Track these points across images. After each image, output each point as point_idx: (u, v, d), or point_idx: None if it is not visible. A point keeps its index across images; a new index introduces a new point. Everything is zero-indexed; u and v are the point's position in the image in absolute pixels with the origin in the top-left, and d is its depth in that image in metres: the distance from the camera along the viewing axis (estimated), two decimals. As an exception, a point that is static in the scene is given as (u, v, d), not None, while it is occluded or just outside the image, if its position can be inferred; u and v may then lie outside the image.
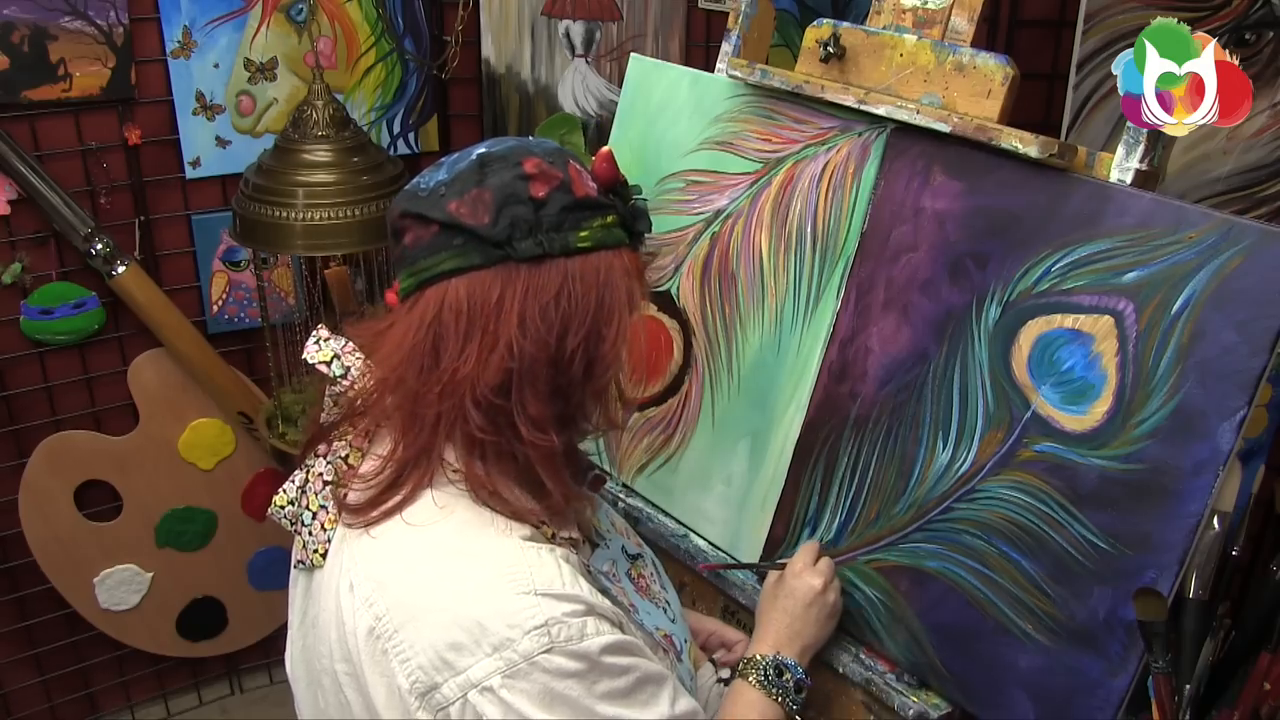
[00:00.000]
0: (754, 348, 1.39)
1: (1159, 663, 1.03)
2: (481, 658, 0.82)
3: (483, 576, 0.86)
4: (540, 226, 0.87)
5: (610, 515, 1.14)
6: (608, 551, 1.05)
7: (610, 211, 0.92)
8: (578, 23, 2.11)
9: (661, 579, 1.12)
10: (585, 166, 0.93)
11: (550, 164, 0.89)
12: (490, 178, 0.88)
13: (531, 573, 0.86)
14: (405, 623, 0.85)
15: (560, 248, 0.88)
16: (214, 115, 1.97)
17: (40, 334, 1.91)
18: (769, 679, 1.11)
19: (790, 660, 1.13)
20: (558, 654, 0.83)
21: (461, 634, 0.83)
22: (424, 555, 0.88)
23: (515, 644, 0.82)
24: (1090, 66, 1.67)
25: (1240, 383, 0.98)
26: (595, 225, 0.90)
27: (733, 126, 1.42)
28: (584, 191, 0.90)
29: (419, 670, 0.83)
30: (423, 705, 0.83)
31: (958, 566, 1.16)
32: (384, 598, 0.86)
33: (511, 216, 0.87)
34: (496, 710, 0.82)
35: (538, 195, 0.88)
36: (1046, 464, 1.10)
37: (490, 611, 0.83)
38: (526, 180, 0.88)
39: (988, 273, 1.16)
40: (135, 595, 2.10)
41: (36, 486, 1.97)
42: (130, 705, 2.23)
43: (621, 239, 0.93)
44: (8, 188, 1.81)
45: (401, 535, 0.89)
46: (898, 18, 1.28)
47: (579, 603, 0.86)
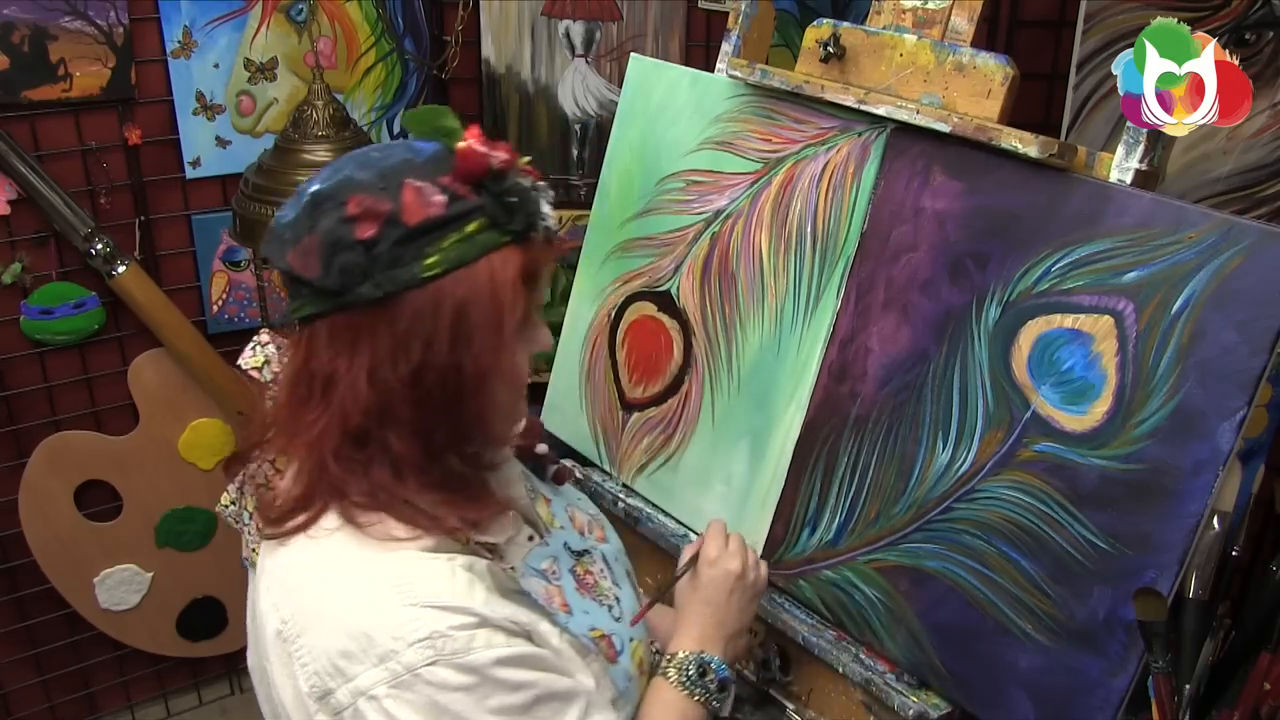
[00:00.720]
0: (754, 348, 1.39)
1: (1159, 663, 1.03)
2: (369, 667, 0.83)
3: (372, 587, 0.86)
4: (376, 267, 0.83)
5: (571, 509, 1.13)
6: (548, 549, 1.03)
7: (471, 218, 0.85)
8: (578, 23, 2.11)
9: (614, 574, 1.10)
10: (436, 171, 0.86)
11: (377, 197, 0.83)
12: (320, 220, 0.84)
13: (421, 584, 0.86)
14: (305, 629, 0.86)
15: (404, 283, 0.83)
16: (214, 115, 1.97)
17: (40, 334, 1.91)
18: (690, 679, 1.05)
19: (714, 659, 1.08)
20: (443, 666, 0.83)
21: (351, 643, 0.84)
22: (324, 564, 0.89)
23: (399, 655, 0.83)
24: (1090, 66, 1.67)
25: (1240, 383, 0.98)
26: (447, 245, 0.84)
27: (733, 126, 1.42)
28: (421, 216, 0.83)
29: (315, 675, 0.85)
30: (321, 709, 0.85)
31: (958, 566, 1.16)
32: (289, 603, 0.88)
33: (341, 265, 0.83)
34: (379, 719, 0.83)
35: (365, 236, 0.82)
36: (1046, 464, 1.10)
37: (377, 622, 0.84)
38: (351, 223, 0.83)
39: (988, 273, 1.16)
40: (135, 595, 2.10)
41: (36, 486, 1.97)
42: (130, 705, 2.23)
43: (493, 241, 0.86)
44: (8, 188, 1.81)
45: (307, 543, 0.90)
46: (898, 18, 1.28)
47: (469, 615, 0.86)
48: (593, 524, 1.15)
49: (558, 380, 1.67)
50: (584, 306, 1.62)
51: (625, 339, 1.56)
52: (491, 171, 0.86)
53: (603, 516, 1.20)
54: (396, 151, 0.88)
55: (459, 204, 0.85)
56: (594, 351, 1.61)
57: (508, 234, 0.86)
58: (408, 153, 0.87)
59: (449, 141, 0.88)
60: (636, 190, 1.54)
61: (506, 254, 0.86)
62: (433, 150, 0.88)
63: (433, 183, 0.84)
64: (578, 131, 2.18)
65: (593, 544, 1.11)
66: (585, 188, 2.18)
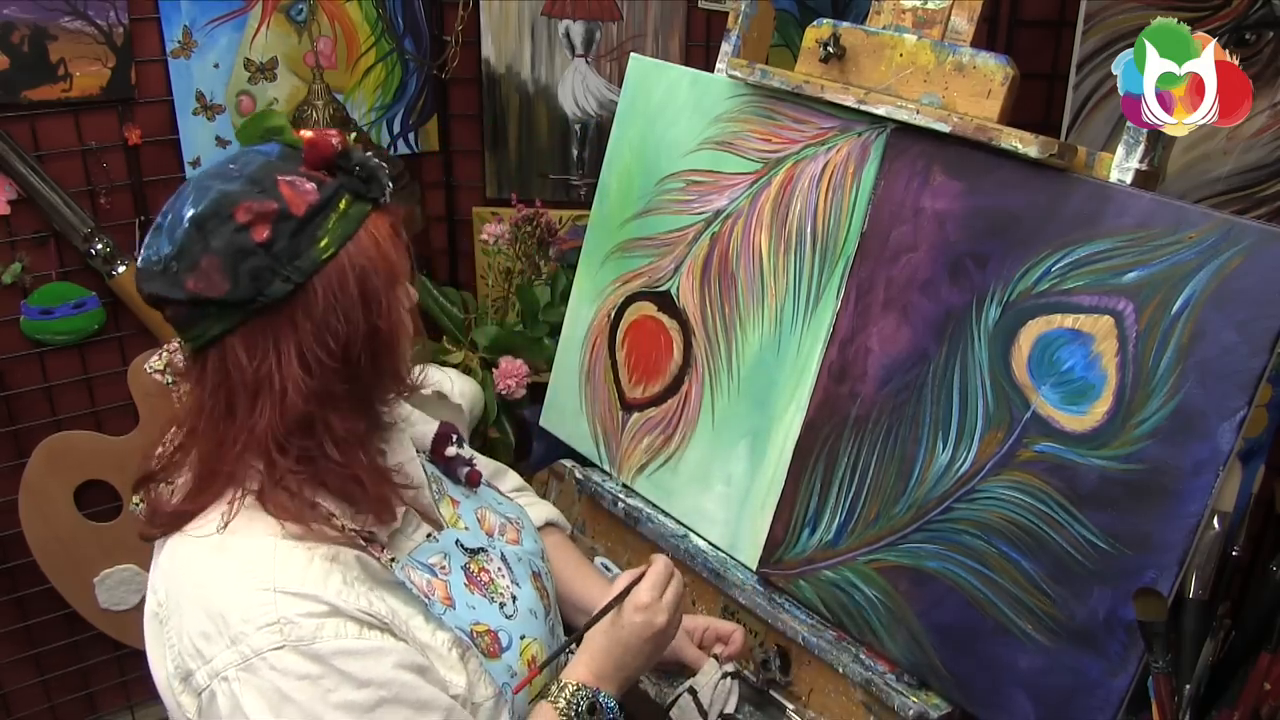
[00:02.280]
0: (754, 348, 1.39)
1: (1159, 663, 1.03)
2: (223, 649, 0.86)
3: (230, 571, 0.90)
4: (280, 263, 0.88)
5: (483, 510, 1.16)
6: (437, 545, 1.06)
7: (340, 197, 0.91)
8: (578, 23, 2.11)
9: (515, 574, 1.12)
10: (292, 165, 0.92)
11: (260, 198, 0.88)
12: (212, 240, 0.88)
13: (276, 570, 0.89)
14: (173, 611, 0.91)
15: (308, 270, 0.89)
16: (214, 115, 1.97)
17: (40, 334, 1.91)
18: (579, 713, 1.03)
19: (609, 700, 1.05)
20: (289, 652, 0.85)
21: (210, 624, 0.87)
22: (194, 550, 0.92)
23: (248, 638, 0.86)
24: (1090, 66, 1.67)
25: (1240, 383, 0.98)
26: (331, 225, 0.90)
27: (733, 126, 1.42)
28: (304, 203, 0.89)
29: (179, 656, 0.89)
30: (185, 689, 0.89)
31: (958, 566, 1.16)
32: (163, 586, 0.93)
33: (249, 271, 0.87)
34: (227, 702, 0.85)
35: (262, 239, 0.87)
36: (1046, 464, 1.10)
37: (231, 605, 0.87)
38: (246, 230, 0.87)
39: (988, 273, 1.16)
40: (135, 595, 2.09)
41: (36, 486, 1.97)
42: (130, 705, 2.23)
43: (363, 211, 0.93)
44: (8, 188, 1.80)
45: (180, 534, 0.94)
46: (898, 18, 1.28)
47: (319, 603, 0.88)
48: (506, 526, 1.18)
49: (558, 380, 1.67)
50: (584, 306, 1.62)
51: (625, 339, 1.56)
52: (338, 153, 0.92)
53: (526, 519, 1.24)
54: (250, 158, 0.92)
55: (325, 187, 0.91)
56: (594, 351, 1.60)
57: (369, 201, 0.94)
58: (259, 156, 0.92)
59: (283, 138, 0.95)
60: (636, 190, 1.54)
61: (376, 219, 0.94)
62: (277, 150, 0.93)
63: (296, 174, 0.90)
64: (578, 131, 2.18)
65: (493, 544, 1.13)
66: (585, 188, 2.18)
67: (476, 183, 2.25)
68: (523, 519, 1.23)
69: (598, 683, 1.05)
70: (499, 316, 2.10)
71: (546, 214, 2.08)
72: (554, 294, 2.05)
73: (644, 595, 1.08)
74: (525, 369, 1.95)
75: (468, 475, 1.20)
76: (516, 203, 2.10)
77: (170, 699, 0.92)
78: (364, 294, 0.91)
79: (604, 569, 1.51)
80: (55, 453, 1.97)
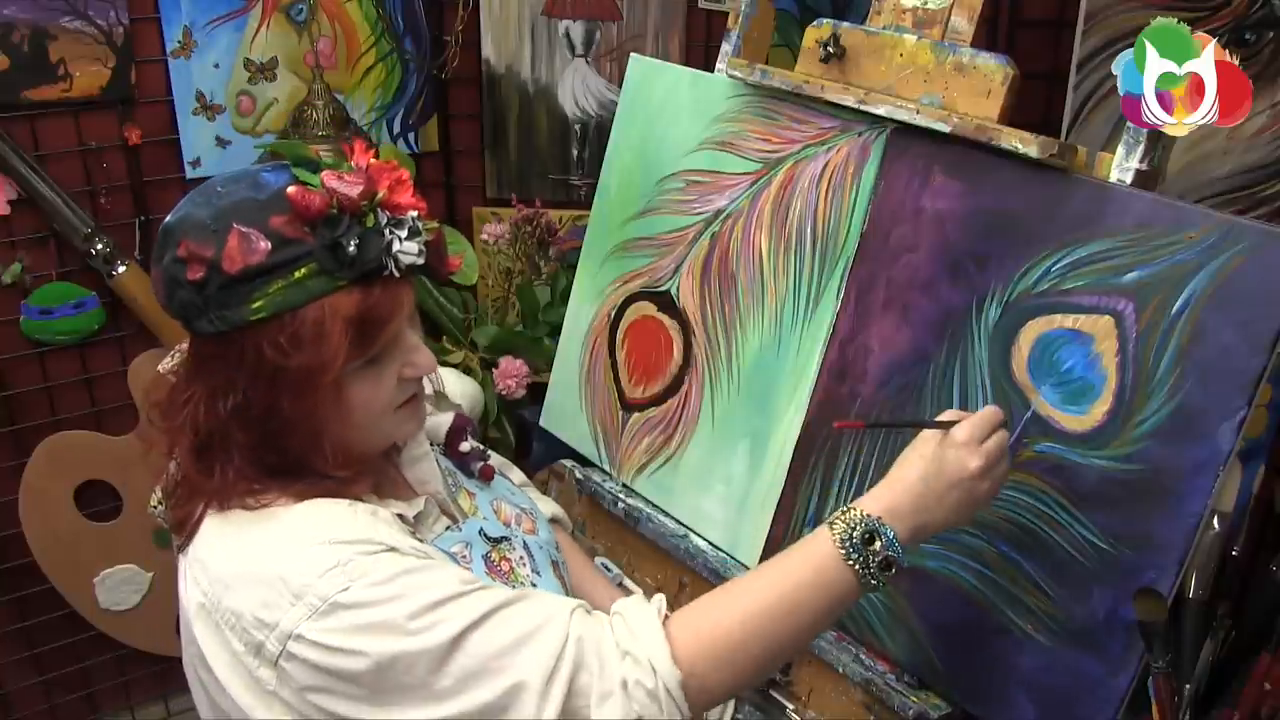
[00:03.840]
0: (754, 348, 1.39)
1: (1159, 663, 1.03)
2: (288, 609, 0.85)
3: (277, 538, 0.89)
4: (209, 306, 0.87)
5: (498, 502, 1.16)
6: (459, 535, 1.06)
7: (299, 264, 0.86)
8: (578, 23, 2.11)
9: (536, 562, 1.11)
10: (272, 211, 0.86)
11: (201, 242, 0.85)
12: (164, 255, 0.89)
13: (324, 526, 0.89)
14: (223, 593, 0.89)
15: (234, 323, 0.86)
16: (214, 115, 1.97)
17: (40, 334, 1.91)
18: (852, 541, 0.92)
19: (891, 531, 0.93)
20: (357, 588, 0.85)
21: (269, 592, 0.86)
22: (232, 530, 0.92)
23: (313, 588, 0.85)
24: (1090, 66, 1.67)
25: (1240, 383, 0.97)
26: (273, 290, 0.86)
27: (733, 126, 1.42)
28: (240, 264, 0.85)
29: (244, 632, 0.87)
30: (260, 663, 0.86)
31: (958, 566, 1.16)
32: (205, 575, 0.91)
33: (180, 300, 0.88)
34: (314, 653, 0.84)
35: (194, 279, 0.86)
36: (1046, 464, 1.10)
37: (286, 566, 0.86)
38: (182, 264, 0.86)
39: (988, 273, 1.16)
40: (135, 595, 2.09)
41: (36, 486, 1.97)
42: (130, 705, 2.23)
43: (324, 287, 0.86)
44: (8, 188, 1.80)
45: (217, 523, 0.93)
46: (898, 18, 1.28)
47: (373, 544, 0.88)
48: (521, 517, 1.17)
49: (558, 380, 1.67)
50: (584, 306, 1.62)
51: (625, 339, 1.56)
52: (326, 215, 0.87)
53: (538, 510, 1.23)
54: (240, 188, 0.89)
55: (286, 249, 0.86)
56: (594, 352, 1.60)
57: (341, 279, 0.87)
58: (251, 189, 0.89)
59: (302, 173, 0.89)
60: (636, 190, 1.54)
61: (339, 299, 0.87)
62: (277, 186, 0.88)
63: (261, 227, 0.86)
64: (578, 131, 2.18)
65: (515, 533, 1.12)
66: (585, 188, 2.18)
67: (476, 183, 2.25)
68: (535, 510, 1.22)
69: (888, 517, 0.94)
70: (499, 316, 2.10)
71: (546, 214, 2.08)
72: (554, 294, 2.05)
73: (962, 433, 0.97)
74: (525, 369, 1.95)
75: (481, 469, 1.19)
76: (516, 203, 2.10)
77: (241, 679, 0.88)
78: (274, 371, 0.87)
79: (604, 569, 1.51)
80: (55, 453, 1.97)
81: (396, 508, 0.98)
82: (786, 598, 0.91)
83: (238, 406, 0.89)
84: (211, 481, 0.92)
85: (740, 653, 0.90)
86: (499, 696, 0.84)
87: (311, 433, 0.91)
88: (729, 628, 0.90)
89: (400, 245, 0.90)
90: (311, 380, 0.88)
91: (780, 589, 0.92)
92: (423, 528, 1.02)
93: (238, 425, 0.90)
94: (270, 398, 0.88)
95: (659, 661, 0.87)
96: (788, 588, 0.92)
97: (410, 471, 1.07)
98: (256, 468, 0.92)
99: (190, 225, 0.87)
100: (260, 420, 0.90)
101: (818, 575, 0.92)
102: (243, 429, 0.90)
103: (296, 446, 0.92)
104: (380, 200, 0.90)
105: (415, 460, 1.07)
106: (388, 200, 0.90)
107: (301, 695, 0.85)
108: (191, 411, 0.91)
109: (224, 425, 0.90)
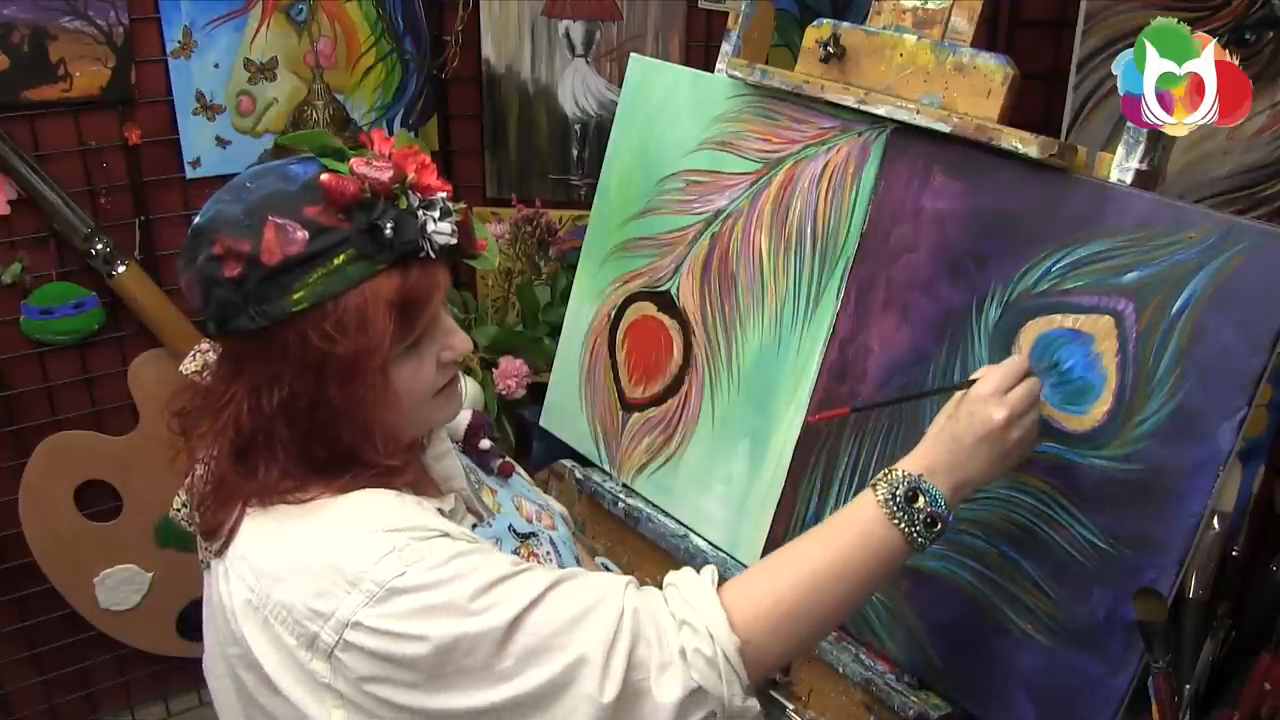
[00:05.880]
0: (754, 348, 1.39)
1: (1159, 663, 1.03)
2: (344, 597, 0.84)
3: (327, 529, 0.89)
4: (248, 302, 0.85)
5: (518, 499, 1.16)
6: (490, 530, 1.06)
7: (337, 251, 0.85)
8: (578, 23, 2.11)
9: (562, 558, 1.11)
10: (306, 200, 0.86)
11: (237, 237, 0.85)
12: (196, 256, 0.88)
13: (374, 515, 0.89)
14: (273, 587, 0.88)
15: (275, 316, 0.85)
16: (214, 115, 1.97)
17: (40, 334, 1.91)
18: (896, 500, 0.93)
19: (934, 488, 0.94)
20: (414, 572, 0.84)
21: (322, 582, 0.85)
22: (277, 524, 0.91)
23: (369, 574, 0.84)
24: (1090, 66, 1.67)
25: (1240, 383, 0.97)
26: (313, 279, 0.85)
27: (733, 126, 1.42)
28: (280, 256, 0.84)
29: (296, 625, 0.86)
30: (313, 655, 0.86)
31: (958, 566, 1.16)
32: (251, 571, 0.90)
33: (217, 300, 0.87)
34: (373, 640, 0.83)
35: (232, 275, 0.85)
36: (1047, 464, 1.10)
37: (341, 554, 0.86)
38: (218, 262, 0.85)
39: (988, 273, 1.16)
40: (135, 595, 2.09)
41: (36, 486, 1.97)
42: (130, 705, 2.23)
43: (364, 272, 0.86)
44: (8, 188, 1.80)
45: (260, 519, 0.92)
46: (898, 18, 1.28)
47: (426, 530, 0.88)
48: (541, 513, 1.17)
49: (558, 380, 1.67)
50: (584, 306, 1.62)
51: (625, 339, 1.56)
52: (361, 200, 0.87)
53: (554, 506, 1.23)
54: (268, 180, 0.88)
55: (323, 237, 0.85)
56: (594, 351, 1.61)
57: (380, 263, 0.87)
58: (280, 181, 0.88)
59: (331, 162, 0.89)
60: (636, 190, 1.54)
61: (380, 283, 0.87)
62: (307, 176, 0.88)
63: (296, 217, 0.85)
64: (578, 131, 2.18)
65: (541, 529, 1.12)
66: (585, 188, 2.18)
67: (476, 183, 2.25)
68: (550, 506, 1.22)
69: (929, 475, 0.95)
70: (499, 316, 2.10)
71: (546, 214, 2.08)
72: (554, 294, 2.05)
73: (985, 386, 0.99)
74: (525, 369, 1.95)
75: (501, 466, 1.18)
76: (516, 203, 2.10)
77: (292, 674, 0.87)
78: (321, 360, 0.86)
79: (604, 569, 1.51)
80: (55, 453, 1.97)
81: (434, 503, 0.98)
82: (837, 562, 0.92)
83: (284, 401, 0.88)
84: (254, 482, 0.91)
85: (794, 619, 0.90)
86: (560, 672, 0.84)
87: (362, 421, 0.90)
88: (781, 594, 0.90)
89: (435, 225, 0.90)
90: (359, 366, 0.87)
91: (829, 554, 0.92)
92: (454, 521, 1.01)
93: (284, 421, 0.89)
94: (318, 388, 0.87)
95: (716, 629, 0.88)
96: (837, 552, 0.92)
97: (435, 469, 1.06)
98: (302, 464, 0.91)
99: (224, 222, 0.86)
100: (308, 412, 0.89)
101: (865, 538, 0.93)
102: (289, 424, 0.89)
103: (347, 436, 0.90)
104: (410, 183, 0.90)
105: (439, 458, 1.07)
106: (417, 182, 0.90)
107: (358, 686, 0.85)
108: (234, 412, 0.89)
109: (269, 423, 0.89)
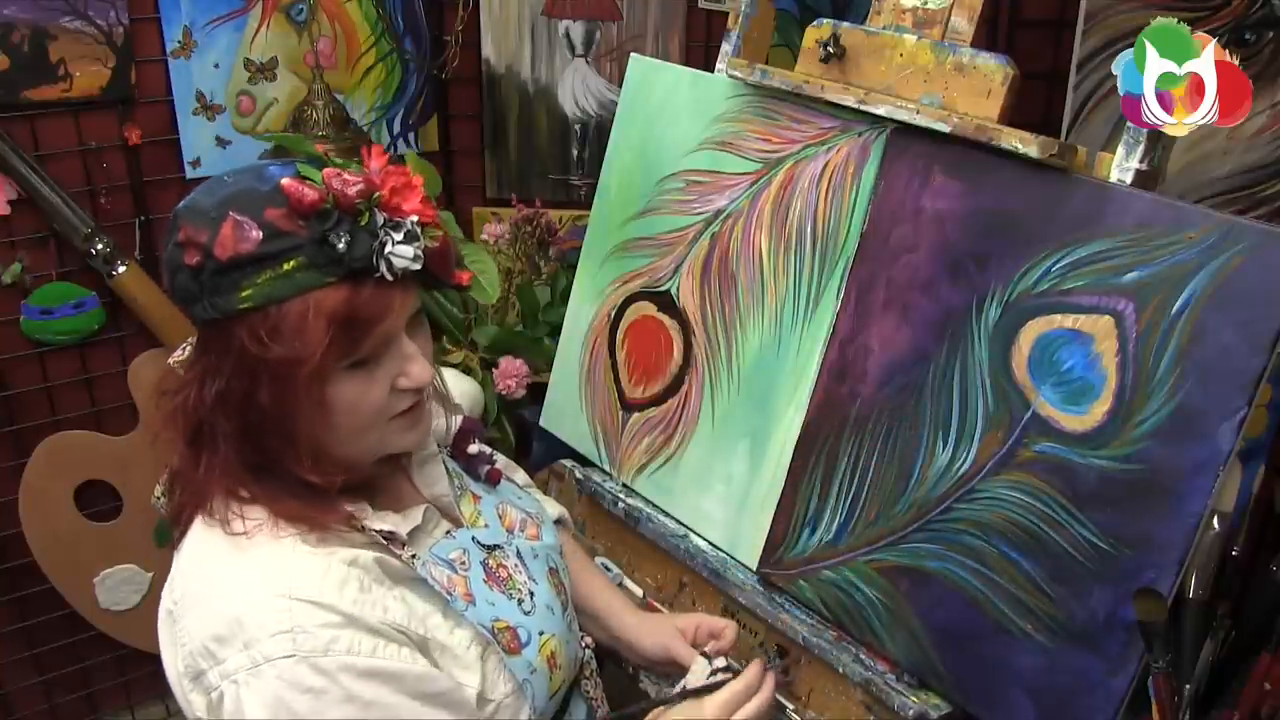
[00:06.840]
0: (754, 348, 1.39)
1: (1159, 663, 1.03)
2: (236, 652, 0.86)
3: (248, 576, 0.90)
4: (203, 292, 0.87)
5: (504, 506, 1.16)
6: (456, 541, 1.06)
7: (288, 256, 0.85)
8: (578, 23, 2.11)
9: (530, 570, 1.11)
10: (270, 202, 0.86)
11: (198, 227, 0.86)
12: (169, 240, 0.90)
13: (293, 576, 0.89)
14: (187, 610, 0.91)
15: (225, 311, 0.86)
16: (214, 115, 1.97)
17: (40, 334, 1.91)
18: None
19: None
20: (298, 663, 0.85)
21: (224, 627, 0.87)
22: (211, 551, 0.93)
23: (260, 644, 0.86)
24: (1090, 66, 1.67)
25: (1240, 383, 0.97)
26: (261, 280, 0.85)
27: (732, 126, 1.42)
28: (231, 252, 0.85)
29: (190, 656, 0.89)
30: (195, 688, 0.89)
31: (958, 567, 1.16)
32: (180, 586, 0.93)
33: (179, 285, 0.89)
34: (232, 705, 0.86)
35: (191, 263, 0.87)
36: (1046, 464, 1.10)
37: (246, 610, 0.87)
38: (181, 249, 0.87)
39: (988, 273, 1.16)
40: (135, 595, 2.09)
41: (36, 486, 1.97)
42: (130, 705, 2.23)
43: (311, 281, 0.86)
44: (8, 188, 1.81)
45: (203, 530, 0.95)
46: (898, 18, 1.28)
47: (336, 613, 0.88)
48: (526, 522, 1.17)
49: (557, 380, 1.67)
50: (584, 306, 1.62)
51: (625, 339, 1.56)
52: (319, 210, 0.86)
53: (549, 510, 1.24)
54: (246, 178, 0.89)
55: (277, 241, 0.85)
56: (594, 351, 1.60)
57: (330, 275, 0.86)
58: (255, 180, 0.89)
59: (305, 169, 0.89)
60: (636, 190, 1.54)
61: (325, 295, 0.86)
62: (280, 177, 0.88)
63: (256, 217, 0.86)
64: (578, 131, 2.18)
65: (511, 540, 1.12)
66: (585, 188, 2.18)
67: (476, 183, 2.25)
68: (541, 514, 1.23)
69: None
70: (499, 316, 2.10)
71: (546, 214, 2.08)
72: (554, 294, 2.05)
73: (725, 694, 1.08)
74: (525, 369, 1.95)
75: (488, 473, 1.19)
76: (516, 203, 2.10)
77: (180, 695, 0.93)
78: (254, 362, 0.87)
79: (604, 569, 1.51)
80: (55, 453, 1.98)
81: (390, 522, 0.98)
82: None
83: (220, 393, 0.90)
84: (198, 473, 0.93)
85: None
86: None
87: (288, 429, 0.90)
88: None
89: (393, 247, 0.88)
90: (288, 374, 0.87)
91: None
92: (421, 536, 1.02)
93: (221, 413, 0.91)
94: (251, 388, 0.89)
95: None
96: None
97: (418, 473, 1.07)
98: (240, 463, 0.92)
99: (192, 211, 0.88)
100: (240, 411, 0.90)
101: None
102: (226, 417, 0.91)
103: (273, 442, 0.91)
104: (378, 201, 0.89)
105: (422, 462, 1.07)
106: (387, 202, 0.89)
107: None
108: (186, 395, 0.92)
109: (210, 412, 0.91)
